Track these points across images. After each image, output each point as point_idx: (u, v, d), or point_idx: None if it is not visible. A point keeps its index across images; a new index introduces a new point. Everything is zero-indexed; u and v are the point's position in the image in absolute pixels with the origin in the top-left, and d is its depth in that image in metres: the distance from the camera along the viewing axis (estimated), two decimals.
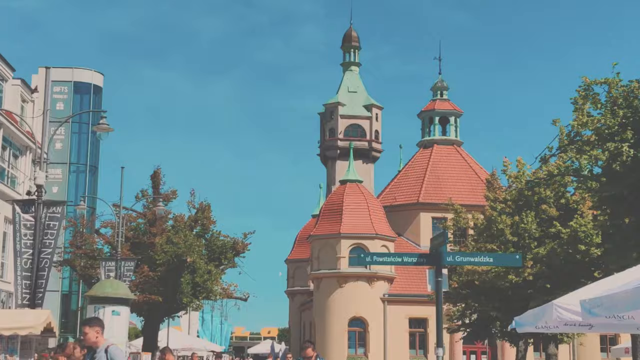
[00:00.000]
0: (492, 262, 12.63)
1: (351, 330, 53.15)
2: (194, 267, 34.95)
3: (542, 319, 16.27)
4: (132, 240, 36.05)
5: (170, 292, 35.02)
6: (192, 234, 35.77)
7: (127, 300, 29.21)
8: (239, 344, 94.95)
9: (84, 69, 50.77)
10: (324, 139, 74.96)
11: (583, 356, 54.97)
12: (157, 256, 34.47)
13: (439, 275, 11.94)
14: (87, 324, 9.84)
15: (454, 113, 63.86)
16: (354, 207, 54.60)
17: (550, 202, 24.53)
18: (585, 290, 15.74)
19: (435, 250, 12.10)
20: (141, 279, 34.73)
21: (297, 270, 70.26)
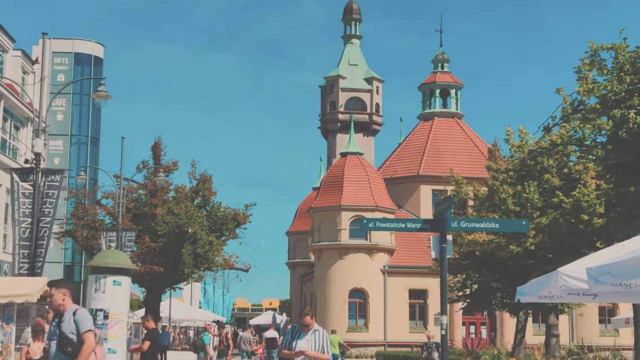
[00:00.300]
0: (497, 228, 12.14)
1: (352, 301, 52.92)
2: (195, 238, 34.56)
3: (545, 288, 15.85)
4: (133, 211, 35.65)
5: (172, 263, 34.66)
6: (193, 205, 35.34)
7: (128, 270, 28.76)
8: (241, 315, 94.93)
9: (85, 40, 50.13)
10: (324, 112, 74.50)
11: (582, 327, 54.78)
12: (158, 227, 34.07)
13: (444, 241, 11.48)
14: (54, 286, 9.16)
15: (454, 85, 63.20)
16: (354, 180, 54.17)
17: (553, 171, 24.03)
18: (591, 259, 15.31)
19: (440, 216, 11.65)
20: (142, 249, 34.35)
21: (298, 242, 70.00)
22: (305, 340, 10.49)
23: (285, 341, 10.79)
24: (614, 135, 17.89)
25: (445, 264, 11.67)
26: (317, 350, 10.44)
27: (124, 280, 27.95)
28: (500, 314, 52.79)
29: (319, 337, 10.55)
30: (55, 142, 48.85)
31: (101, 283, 27.65)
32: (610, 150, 17.86)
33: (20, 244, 19.84)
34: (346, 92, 72.98)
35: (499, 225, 12.35)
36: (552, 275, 15.11)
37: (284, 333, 34.40)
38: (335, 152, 69.00)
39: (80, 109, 49.79)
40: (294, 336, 10.61)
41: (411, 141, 62.21)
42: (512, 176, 25.94)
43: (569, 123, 24.73)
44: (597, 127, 24.08)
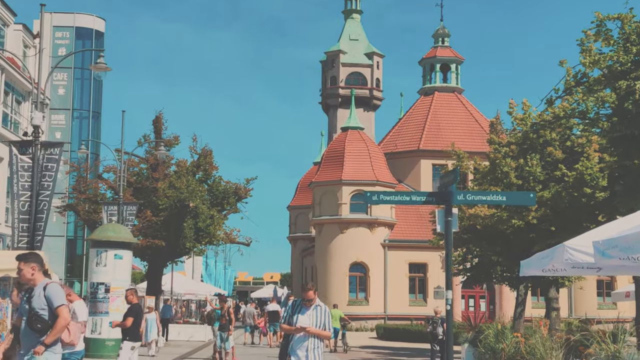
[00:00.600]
0: (504, 201, 11.74)
1: (352, 275, 52.68)
2: (197, 212, 34.15)
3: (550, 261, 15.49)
4: (134, 186, 35.23)
5: (173, 237, 34.28)
6: (194, 179, 34.91)
7: (129, 244, 28.45)
8: (243, 289, 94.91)
9: (86, 14, 49.45)
10: (325, 87, 73.99)
11: (580, 300, 54.61)
12: (160, 201, 33.67)
13: (449, 214, 11.05)
14: (22, 260, 8.61)
15: (455, 60, 62.52)
16: (355, 154, 53.71)
17: (556, 145, 23.57)
18: (597, 232, 14.92)
19: (445, 189, 11.21)
20: (144, 223, 33.97)
21: (299, 216, 69.71)
22: (306, 316, 9.96)
23: (286, 315, 10.20)
24: (619, 107, 17.42)
25: (451, 238, 11.24)
26: (318, 327, 9.92)
27: (125, 253, 27.65)
28: (499, 288, 52.58)
29: (321, 314, 10.01)
30: (57, 117, 48.37)
31: (102, 257, 27.35)
32: (615, 122, 17.40)
33: (20, 217, 19.42)
34: (347, 67, 72.42)
35: (506, 198, 11.86)
36: (557, 249, 14.74)
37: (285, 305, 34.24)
38: (336, 127, 68.51)
39: (82, 83, 49.23)
40: (294, 311, 10.04)
41: (411, 116, 61.66)
42: (514, 150, 25.49)
43: (572, 96, 24.27)
44: (601, 100, 23.62)
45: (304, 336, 9.84)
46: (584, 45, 23.64)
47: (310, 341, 9.86)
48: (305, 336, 9.83)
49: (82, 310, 11.97)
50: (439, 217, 11.23)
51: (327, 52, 73.45)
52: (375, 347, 36.70)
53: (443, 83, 62.32)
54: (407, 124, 61.15)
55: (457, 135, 55.03)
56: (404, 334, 43.05)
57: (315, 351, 9.89)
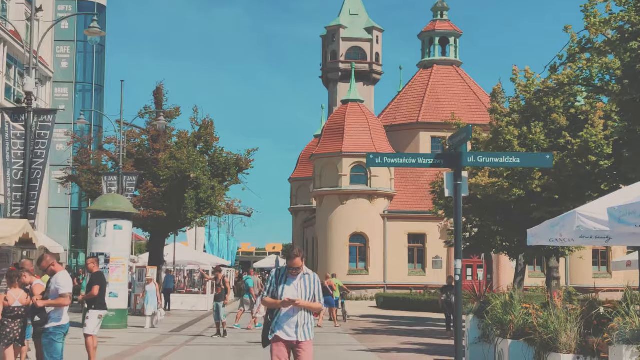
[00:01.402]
0: (519, 163, 10.44)
1: (352, 245, 51.74)
2: (198, 183, 32.98)
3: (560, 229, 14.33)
4: (135, 157, 34.04)
5: (175, 208, 33.16)
6: (195, 150, 33.69)
7: (129, 214, 27.30)
8: (245, 259, 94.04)
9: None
10: (325, 62, 72.77)
11: (576, 269, 53.67)
12: (161, 172, 32.47)
13: (458, 178, 9.84)
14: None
15: (453, 34, 61.00)
16: (355, 127, 52.51)
17: (559, 112, 22.30)
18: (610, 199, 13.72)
19: (455, 150, 9.99)
20: (145, 194, 32.81)
21: (301, 188, 68.65)
22: (293, 286, 8.23)
23: (269, 287, 8.34)
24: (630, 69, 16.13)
25: (460, 204, 10.03)
26: (308, 299, 8.21)
27: (125, 224, 26.47)
28: (496, 257, 51.62)
29: (310, 283, 8.30)
30: (60, 89, 47.09)
31: (102, 227, 26.19)
32: (626, 85, 16.10)
33: (13, 186, 18.25)
34: (347, 41, 71.11)
35: (520, 159, 10.54)
36: (567, 217, 13.54)
37: None
38: (336, 101, 67.26)
39: (85, 56, 47.89)
40: (279, 281, 8.28)
41: (410, 89, 60.31)
42: (516, 119, 24.22)
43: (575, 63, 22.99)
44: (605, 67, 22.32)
45: (292, 310, 8.17)
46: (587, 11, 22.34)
47: (300, 315, 8.20)
48: (293, 310, 8.17)
49: (65, 282, 10.78)
50: (448, 181, 10.00)
51: (328, 27, 72.04)
52: (374, 315, 35.70)
53: (442, 56, 60.87)
54: (406, 97, 59.82)
55: (456, 108, 53.56)
56: (403, 303, 42.20)
57: (305, 327, 8.23)
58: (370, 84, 71.18)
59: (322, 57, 73.96)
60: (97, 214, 25.85)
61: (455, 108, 53.86)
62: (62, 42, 47.09)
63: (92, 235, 26.04)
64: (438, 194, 33.44)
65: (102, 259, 25.56)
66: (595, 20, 21.85)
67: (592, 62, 22.15)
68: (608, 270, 54.87)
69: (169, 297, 36.00)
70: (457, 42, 61.25)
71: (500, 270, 52.96)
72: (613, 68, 21.71)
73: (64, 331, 11.01)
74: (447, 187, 10.07)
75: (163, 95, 34.65)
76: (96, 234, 25.83)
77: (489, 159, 10.32)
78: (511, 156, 10.25)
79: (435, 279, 51.71)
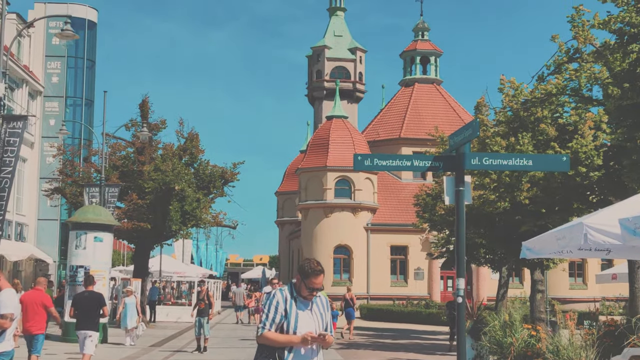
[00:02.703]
0: (531, 166, 8.43)
1: (336, 257, 49.77)
2: (183, 195, 30.88)
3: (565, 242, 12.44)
4: (121, 169, 31.91)
5: (160, 220, 31.00)
6: (180, 162, 31.62)
7: (110, 226, 25.03)
8: (233, 270, 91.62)
9: (79, 4, 45.91)
10: (311, 81, 71.14)
11: (553, 280, 51.78)
12: (146, 184, 30.35)
13: (460, 183, 7.90)
14: None
15: (434, 53, 59.36)
16: (339, 141, 50.71)
17: (548, 122, 20.46)
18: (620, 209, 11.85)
19: (457, 151, 8.03)
20: (130, 206, 30.66)
21: (287, 201, 66.66)
22: (309, 314, 5.60)
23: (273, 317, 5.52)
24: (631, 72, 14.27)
25: (463, 213, 8.01)
26: (323, 328, 5.59)
27: (106, 236, 24.20)
28: (476, 269, 49.89)
29: (323, 307, 5.72)
30: (51, 104, 44.87)
31: (82, 239, 23.90)
32: (626, 89, 14.25)
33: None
34: (331, 61, 69.51)
35: (533, 162, 8.40)
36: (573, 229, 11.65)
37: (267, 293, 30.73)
38: (321, 118, 65.52)
39: (76, 72, 45.70)
40: (288, 309, 5.52)
41: (393, 106, 58.58)
42: (501, 131, 22.32)
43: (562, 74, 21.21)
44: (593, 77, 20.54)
45: (310, 350, 5.54)
46: (574, 21, 20.59)
47: (320, 354, 5.68)
48: (312, 349, 5.55)
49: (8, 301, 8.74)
50: (448, 187, 8.01)
51: (313, 47, 70.43)
52: (359, 327, 33.64)
53: (423, 75, 59.24)
54: (389, 113, 58.06)
55: (436, 124, 51.95)
56: (387, 314, 40.40)
57: None
58: (353, 102, 69.53)
59: (307, 76, 72.30)
60: (77, 225, 23.73)
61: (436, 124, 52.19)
62: (53, 57, 44.92)
63: (72, 248, 23.90)
64: (422, 206, 31.53)
65: (82, 271, 23.44)
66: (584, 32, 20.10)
67: (580, 72, 20.40)
68: (584, 281, 53.17)
69: (155, 308, 33.87)
70: (437, 61, 59.64)
71: (479, 281, 51.10)
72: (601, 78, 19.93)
73: (5, 358, 8.96)
74: (447, 193, 8.10)
75: (149, 107, 32.59)
76: (76, 246, 23.70)
77: (496, 161, 8.29)
78: (522, 158, 8.25)
79: (417, 290, 49.89)
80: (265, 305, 5.62)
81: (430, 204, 30.71)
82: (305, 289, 5.51)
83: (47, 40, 44.89)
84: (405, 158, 8.50)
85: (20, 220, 43.02)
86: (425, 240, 50.32)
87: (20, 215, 43.31)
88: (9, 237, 41.30)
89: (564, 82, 20.80)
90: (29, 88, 43.66)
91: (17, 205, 42.71)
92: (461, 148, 7.96)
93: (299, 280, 5.57)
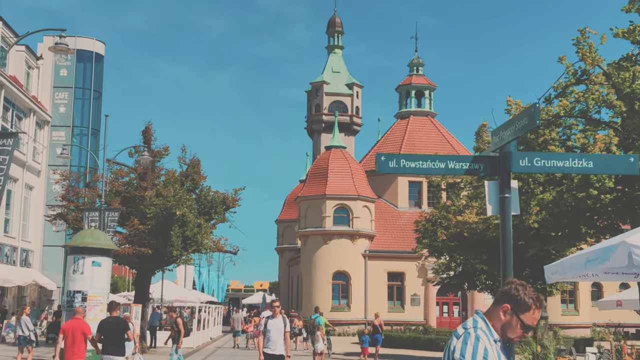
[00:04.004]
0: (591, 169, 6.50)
1: (335, 283, 47.66)
2: (184, 221, 28.93)
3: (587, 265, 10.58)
4: (123, 195, 29.98)
5: (161, 245, 28.99)
6: (181, 188, 29.71)
7: (108, 250, 22.96)
8: (234, 296, 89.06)
9: (86, 37, 44.45)
10: (310, 114, 69.70)
11: None
12: (147, 210, 28.41)
13: (506, 189, 6.02)
14: None
15: (428, 87, 57.89)
16: (338, 171, 48.90)
17: (556, 145, 18.68)
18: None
19: (501, 150, 6.14)
20: (131, 231, 28.69)
21: (286, 229, 64.60)
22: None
23: None
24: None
25: (509, 224, 6.05)
26: None
27: (104, 260, 21.96)
28: (470, 295, 47.84)
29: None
30: (58, 133, 43.16)
31: (80, 264, 21.63)
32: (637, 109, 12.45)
33: None
34: (330, 96, 68.13)
35: (594, 163, 6.40)
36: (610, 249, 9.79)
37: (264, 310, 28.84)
38: (320, 149, 63.87)
39: (82, 102, 44.07)
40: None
41: (389, 137, 56.91)
42: None
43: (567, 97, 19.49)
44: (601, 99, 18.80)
45: None
46: (580, 44, 18.93)
47: None
48: None
49: None
50: (490, 193, 6.12)
51: (312, 83, 69.15)
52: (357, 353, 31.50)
53: (417, 108, 57.69)
54: (385, 144, 56.35)
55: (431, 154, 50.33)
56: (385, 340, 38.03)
57: None
58: (350, 135, 67.98)
59: (307, 110, 70.88)
60: (74, 250, 21.62)
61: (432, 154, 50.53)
62: (60, 88, 43.32)
63: (69, 272, 21.83)
64: (422, 232, 29.62)
65: (79, 297, 21.40)
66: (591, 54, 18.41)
67: (589, 94, 18.68)
68: (575, 307, 51.05)
69: (155, 334, 31.71)
70: (431, 95, 58.16)
71: (474, 306, 48.87)
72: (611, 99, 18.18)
73: None
74: (489, 201, 6.19)
75: (151, 134, 30.77)
76: (73, 271, 21.61)
77: (550, 163, 6.28)
78: (582, 159, 6.25)
79: (413, 315, 47.75)
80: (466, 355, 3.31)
81: (430, 229, 28.86)
82: (520, 328, 3.40)
83: (56, 72, 43.33)
84: (438, 159, 6.59)
85: (25, 246, 40.99)
86: (422, 267, 48.32)
87: (26, 241, 41.28)
88: (14, 263, 39.24)
89: (572, 104, 19.07)
90: (37, 117, 41.93)
91: (23, 232, 40.71)
92: (506, 147, 6.10)
93: (509, 313, 3.39)
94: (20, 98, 39.24)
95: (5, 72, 37.91)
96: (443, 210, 27.93)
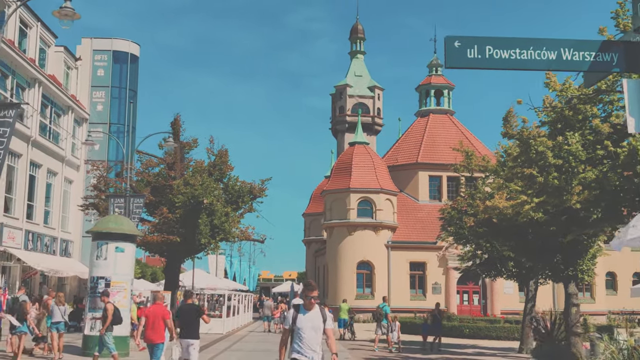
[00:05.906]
0: None
1: (359, 272, 44.92)
2: (212, 209, 26.45)
3: None
4: (153, 184, 27.59)
5: (189, 233, 26.58)
6: (209, 177, 27.24)
7: (132, 236, 20.48)
8: (265, 285, 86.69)
9: (122, 39, 42.27)
10: (334, 115, 67.15)
11: (560, 295, 46.23)
12: (176, 199, 25.98)
13: None
14: None
15: (447, 86, 54.85)
16: (361, 165, 46.18)
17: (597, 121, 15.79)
18: None
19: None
20: (161, 220, 26.29)
21: (313, 222, 62.10)
22: None
23: None
24: None
25: None
26: None
27: (128, 246, 19.26)
28: (490, 283, 44.81)
29: None
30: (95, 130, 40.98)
31: (103, 249, 18.94)
32: None
33: None
34: (352, 98, 65.47)
35: None
36: None
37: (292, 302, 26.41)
38: (344, 148, 61.27)
39: (119, 101, 41.92)
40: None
41: (410, 134, 54.00)
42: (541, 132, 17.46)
43: None
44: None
45: None
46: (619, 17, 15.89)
47: None
48: None
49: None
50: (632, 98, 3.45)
51: (336, 86, 66.63)
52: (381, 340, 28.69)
53: (437, 106, 54.72)
54: (406, 141, 53.47)
55: (451, 151, 47.28)
56: (408, 327, 35.31)
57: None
58: (372, 134, 65.19)
59: (331, 111, 68.35)
60: (98, 235, 19.20)
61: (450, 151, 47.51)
62: (98, 87, 41.22)
63: (92, 258, 19.39)
64: (447, 220, 26.75)
65: (102, 282, 18.97)
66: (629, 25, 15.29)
67: None
68: (592, 295, 47.74)
69: None
70: (450, 94, 55.11)
71: (493, 295, 45.82)
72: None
73: None
74: (629, 112, 3.49)
75: (180, 125, 28.35)
76: (97, 257, 19.16)
77: None
78: None
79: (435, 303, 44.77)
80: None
81: (455, 217, 25.99)
82: None
83: (93, 72, 41.24)
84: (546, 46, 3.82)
85: (65, 237, 38.86)
86: (442, 257, 45.47)
87: (66, 232, 39.16)
88: (54, 253, 37.13)
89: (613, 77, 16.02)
90: (75, 115, 39.78)
91: (62, 223, 38.59)
92: None
93: None
94: (58, 96, 37.13)
95: (45, 71, 35.83)
96: (469, 198, 25.06)
